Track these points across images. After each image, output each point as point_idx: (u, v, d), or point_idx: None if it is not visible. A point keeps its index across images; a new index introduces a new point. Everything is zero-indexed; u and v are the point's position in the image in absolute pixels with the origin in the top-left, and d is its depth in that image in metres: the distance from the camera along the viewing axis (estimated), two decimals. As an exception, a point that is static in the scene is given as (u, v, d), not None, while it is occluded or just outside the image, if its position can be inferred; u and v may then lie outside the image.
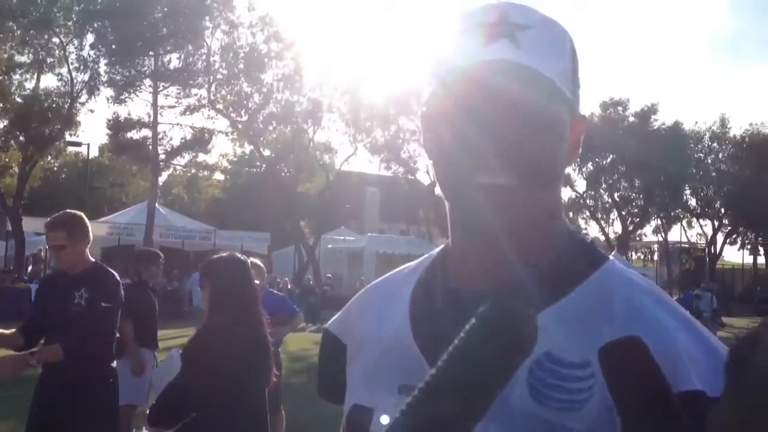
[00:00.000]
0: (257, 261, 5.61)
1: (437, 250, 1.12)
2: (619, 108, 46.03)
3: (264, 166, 38.29)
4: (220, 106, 34.05)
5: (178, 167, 39.53)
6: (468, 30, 0.94)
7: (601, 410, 0.83)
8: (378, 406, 0.97)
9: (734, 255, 56.61)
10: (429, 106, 0.98)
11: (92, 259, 4.61)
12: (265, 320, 3.71)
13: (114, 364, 4.66)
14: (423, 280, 1.07)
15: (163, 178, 41.42)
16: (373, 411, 0.98)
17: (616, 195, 48.36)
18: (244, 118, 34.83)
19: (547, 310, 0.90)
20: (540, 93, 0.90)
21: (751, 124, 50.33)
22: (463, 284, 0.96)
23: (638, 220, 48.83)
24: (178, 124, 33.90)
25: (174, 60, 33.01)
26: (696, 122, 55.81)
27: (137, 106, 51.71)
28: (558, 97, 0.92)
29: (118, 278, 4.66)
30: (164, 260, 7.46)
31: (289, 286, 21.88)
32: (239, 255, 3.86)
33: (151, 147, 32.54)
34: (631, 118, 46.45)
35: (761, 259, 55.70)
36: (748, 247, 54.49)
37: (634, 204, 49.75)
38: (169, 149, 34.01)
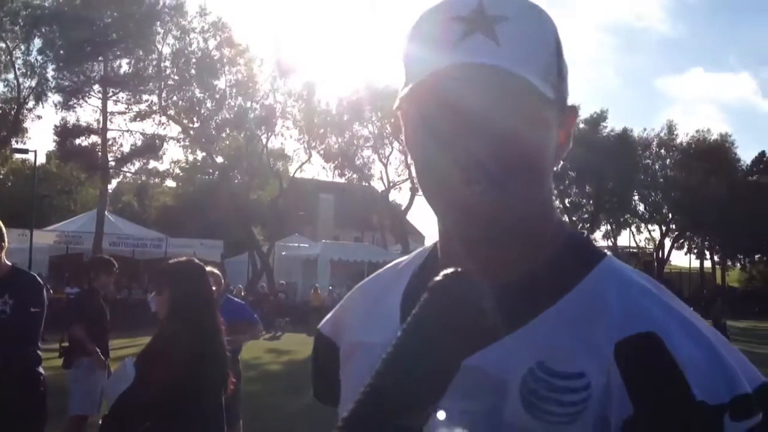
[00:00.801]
0: (213, 269, 5.53)
1: (426, 249, 1.09)
2: (570, 115, 46.78)
3: (217, 173, 37.97)
4: (171, 112, 33.69)
5: (128, 174, 38.97)
6: (442, 24, 0.88)
7: (595, 423, 0.80)
8: None
9: (681, 259, 57.84)
10: (404, 107, 0.93)
11: (9, 263, 4.47)
12: (222, 327, 3.66)
13: (41, 369, 4.53)
14: (414, 284, 1.02)
15: (112, 185, 40.86)
16: None
17: (566, 201, 49.09)
18: (197, 125, 34.50)
19: (541, 316, 0.87)
20: (520, 98, 0.85)
21: (697, 131, 51.57)
22: None
23: (588, 225, 49.61)
24: (128, 130, 33.50)
25: (124, 65, 32.61)
26: (644, 129, 56.72)
27: (86, 112, 50.96)
28: (540, 99, 0.86)
29: (41, 282, 4.57)
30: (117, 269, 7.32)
31: (242, 294, 21.67)
32: (197, 260, 3.81)
33: (100, 154, 32.01)
34: (581, 125, 47.23)
35: (707, 263, 57.06)
36: (695, 251, 55.78)
37: (584, 210, 50.62)
38: (118, 156, 33.52)
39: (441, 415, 0.76)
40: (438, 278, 0.73)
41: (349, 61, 72.27)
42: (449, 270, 0.73)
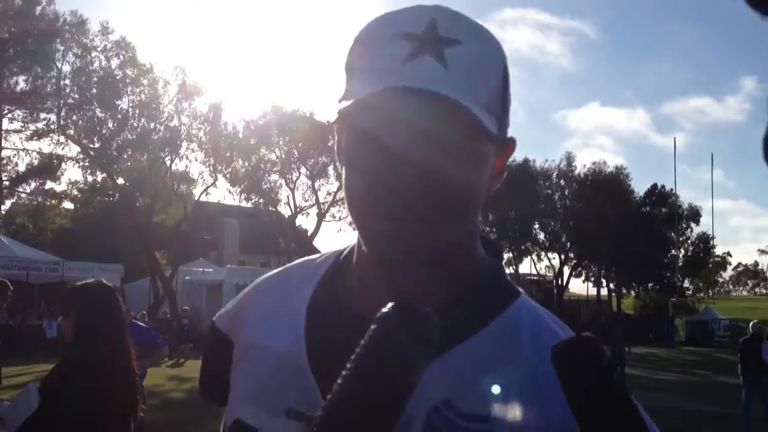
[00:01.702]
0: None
1: (338, 253, 1.04)
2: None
3: (118, 195, 36.90)
4: (71, 132, 32.63)
5: (23, 195, 37.44)
6: (390, 40, 0.84)
7: None
8: (263, 426, 0.90)
9: (579, 287, 59.73)
10: (339, 124, 0.89)
11: None
12: (132, 352, 3.54)
13: None
14: (322, 295, 0.98)
15: (6, 206, 39.13)
16: (257, 431, 0.91)
17: (471, 228, 49.95)
18: (97, 145, 33.52)
19: (453, 350, 0.84)
20: (459, 132, 0.81)
21: (594, 163, 53.65)
22: (368, 312, 0.80)
23: (492, 252, 50.51)
24: (24, 149, 32.23)
25: (21, 82, 31.42)
26: (546, 160, 58.61)
27: (-22, 129, 48.63)
28: (482, 134, 0.81)
29: None
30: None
31: (145, 320, 21.05)
32: (105, 282, 3.68)
33: (-7, 173, 30.67)
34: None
35: (604, 291, 59.06)
36: (592, 279, 57.67)
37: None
38: (13, 176, 32.18)
39: None
40: (386, 309, 0.73)
41: (256, 84, 71.93)
42: (396, 301, 0.73)
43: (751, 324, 12.78)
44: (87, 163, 34.58)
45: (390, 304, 0.73)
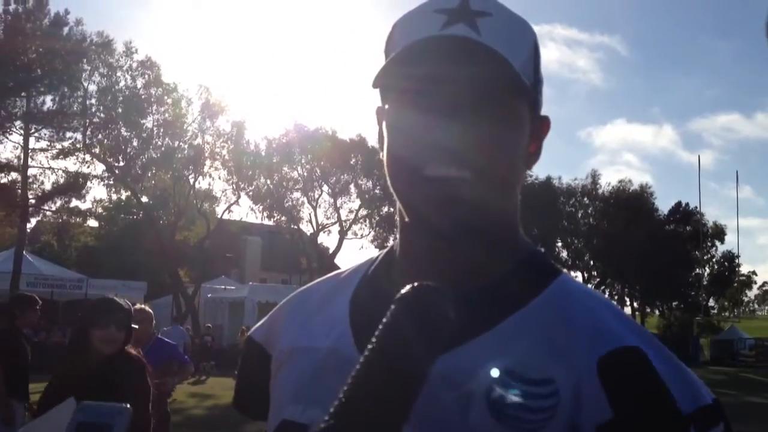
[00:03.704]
0: (144, 306, 5.38)
1: (373, 259, 1.04)
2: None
3: (142, 213, 37.18)
4: (96, 151, 32.96)
5: (48, 213, 37.85)
6: (425, 16, 0.88)
7: (564, 430, 0.79)
8: (314, 422, 0.87)
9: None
10: (378, 85, 0.89)
11: None
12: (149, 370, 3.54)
13: None
14: (365, 285, 0.99)
15: (31, 224, 39.55)
16: (307, 427, 0.89)
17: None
18: (122, 164, 33.84)
19: (504, 323, 0.85)
20: (499, 77, 0.83)
21: (620, 181, 53.31)
22: None
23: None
24: (50, 167, 32.59)
25: (48, 102, 31.83)
26: (575, 178, 58.53)
27: (6, 148, 49.19)
28: (518, 85, 0.84)
29: None
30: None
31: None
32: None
33: (20, 191, 30.99)
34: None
35: (628, 309, 58.51)
36: (616, 297, 57.18)
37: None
38: (39, 194, 32.54)
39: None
40: (405, 289, 0.74)
41: (279, 102, 72.40)
42: (416, 283, 0.74)
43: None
44: (112, 182, 34.88)
45: (408, 285, 0.74)
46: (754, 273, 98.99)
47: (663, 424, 0.79)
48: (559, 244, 52.29)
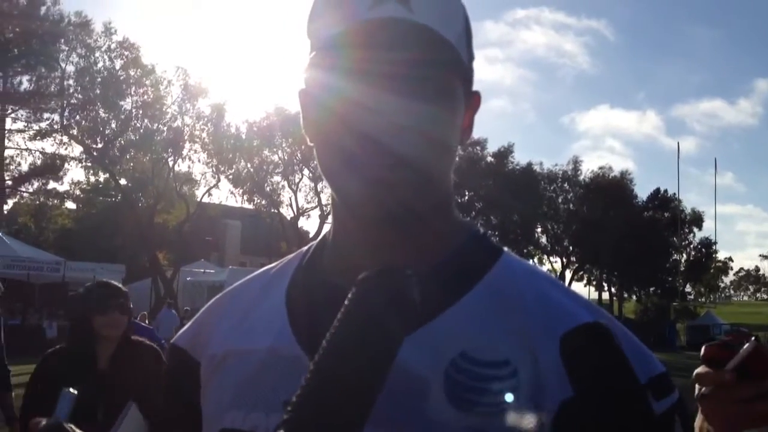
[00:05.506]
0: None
1: (302, 252, 1.00)
2: (478, 147, 47.82)
3: (120, 195, 36.91)
4: (74, 132, 32.65)
5: (25, 195, 37.49)
6: None
7: (525, 410, 0.77)
8: (258, 426, 0.83)
9: (581, 290, 59.75)
10: (306, 77, 0.86)
11: None
12: None
13: None
14: (299, 276, 0.95)
15: (8, 205, 39.15)
16: None
17: (473, 231, 49.96)
18: (100, 145, 33.54)
19: (453, 308, 0.83)
20: (432, 53, 0.80)
21: (600, 168, 53.60)
22: (348, 280, 0.76)
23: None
24: (27, 149, 32.26)
25: (25, 82, 31.46)
26: (556, 164, 58.73)
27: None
28: (453, 61, 0.82)
29: None
30: (6, 291, 6.91)
31: (146, 321, 21.03)
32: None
33: (-4, 172, 30.70)
34: (490, 158, 48.31)
35: (605, 295, 59.00)
36: (594, 283, 57.60)
37: (489, 240, 51.61)
38: (16, 175, 32.22)
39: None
40: (367, 273, 0.72)
41: (259, 85, 72.02)
42: (377, 266, 0.73)
43: None
44: (90, 164, 34.63)
45: (370, 270, 0.72)
46: (730, 259, 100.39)
47: (626, 396, 0.80)
48: (539, 229, 52.58)
